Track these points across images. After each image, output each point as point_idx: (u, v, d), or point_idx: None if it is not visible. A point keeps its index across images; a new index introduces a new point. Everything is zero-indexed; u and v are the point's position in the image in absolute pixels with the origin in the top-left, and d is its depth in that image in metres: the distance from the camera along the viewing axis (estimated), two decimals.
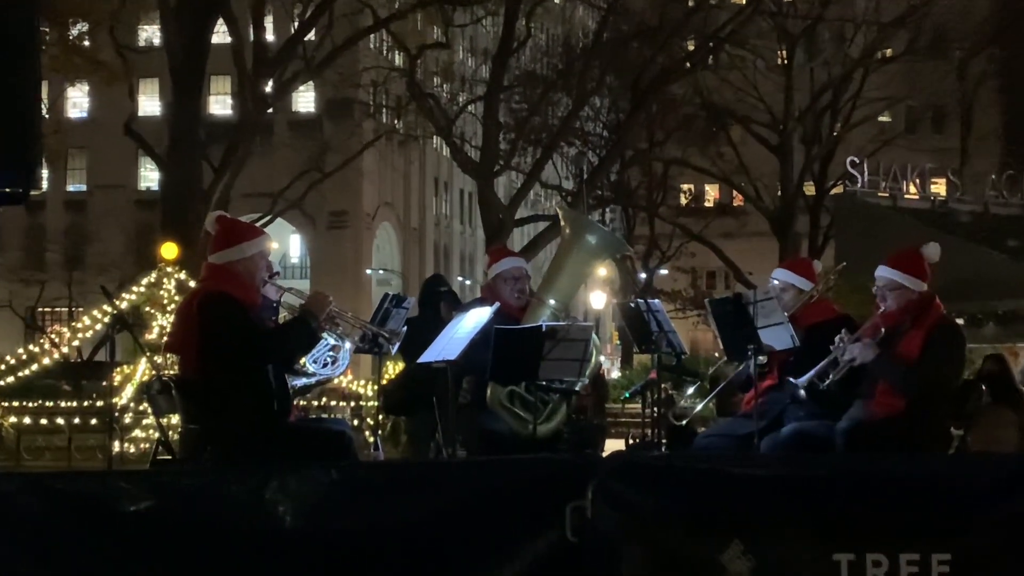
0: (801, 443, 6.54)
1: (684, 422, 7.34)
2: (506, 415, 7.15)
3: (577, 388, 7.28)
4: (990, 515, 5.38)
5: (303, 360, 6.70)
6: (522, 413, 7.14)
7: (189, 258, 17.89)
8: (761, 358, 6.77)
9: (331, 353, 6.61)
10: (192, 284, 14.89)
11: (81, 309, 30.09)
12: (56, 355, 17.67)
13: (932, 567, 5.31)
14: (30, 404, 16.19)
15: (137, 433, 14.89)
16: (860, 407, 6.60)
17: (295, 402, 6.73)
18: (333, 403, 16.49)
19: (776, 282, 7.21)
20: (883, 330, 6.68)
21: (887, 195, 29.31)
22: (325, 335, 6.55)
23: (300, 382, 6.78)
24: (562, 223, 8.03)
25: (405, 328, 7.95)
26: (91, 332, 17.10)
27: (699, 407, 7.65)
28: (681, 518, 5.41)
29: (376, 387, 9.94)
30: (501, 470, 5.70)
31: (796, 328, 6.77)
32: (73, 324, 17.91)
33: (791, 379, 6.65)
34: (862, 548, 5.32)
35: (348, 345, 6.63)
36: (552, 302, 7.40)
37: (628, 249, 10.44)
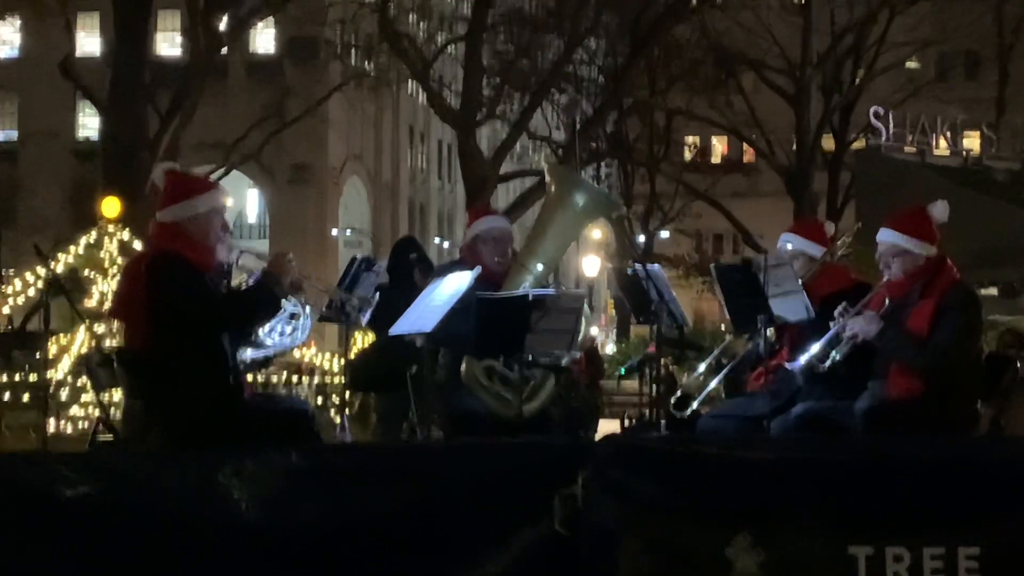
0: (815, 425, 6.57)
1: (688, 412, 7.36)
2: (483, 393, 7.18)
3: (564, 362, 7.30)
4: None
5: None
6: (502, 391, 7.16)
7: (133, 216, 17.79)
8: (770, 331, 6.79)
9: (289, 322, 6.59)
10: (136, 244, 14.88)
11: (12, 272, 29.95)
12: None
13: (959, 562, 5.34)
14: None
15: (75, 411, 14.87)
16: (876, 386, 6.62)
17: (249, 378, 6.73)
18: (295, 378, 16.50)
19: (789, 246, 7.22)
20: (887, 301, 6.69)
21: (914, 150, 29.29)
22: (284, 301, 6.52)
23: (252, 354, 6.75)
24: (547, 179, 8.04)
25: (377, 296, 7.96)
26: (23, 297, 17.04)
27: (711, 385, 7.67)
28: (683, 508, 5.44)
29: (343, 361, 9.94)
30: (482, 455, 5.72)
31: (810, 299, 6.78)
32: (2, 288, 17.84)
33: (785, 364, 6.66)
34: (882, 541, 5.35)
35: (308, 310, 6.62)
36: (537, 267, 7.41)
37: (621, 209, 10.48)
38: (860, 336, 6.55)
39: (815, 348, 6.60)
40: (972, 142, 31.16)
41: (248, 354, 6.69)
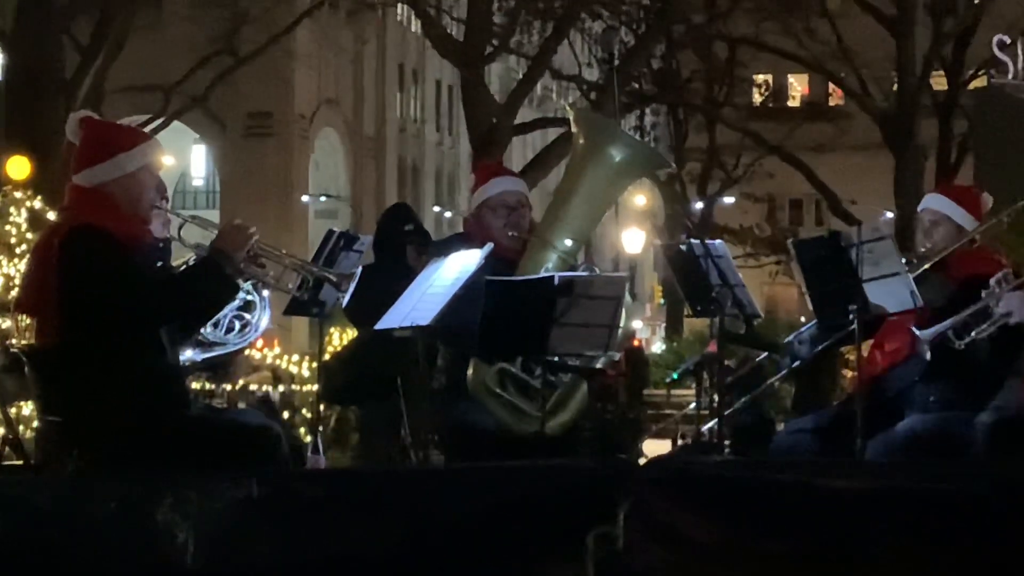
0: (926, 443, 6.59)
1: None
2: (495, 404, 7.21)
3: (599, 365, 7.31)
4: None
5: None
6: (518, 401, 7.18)
7: (46, 177, 17.90)
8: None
9: (240, 314, 6.59)
10: (51, 215, 14.92)
11: None
12: None
13: None
14: None
15: None
16: (1012, 389, 6.63)
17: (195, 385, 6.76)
18: (253, 387, 16.53)
19: (930, 208, 7.19)
20: None
21: None
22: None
23: (195, 356, 6.76)
24: (574, 130, 8.05)
25: (360, 271, 7.99)
26: None
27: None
28: (751, 551, 5.45)
29: (315, 365, 9.99)
30: (493, 482, 5.74)
31: (946, 280, 6.80)
32: None
33: (914, 328, 6.66)
34: None
35: (266, 296, 6.62)
36: (564, 243, 7.42)
37: (670, 166, 10.42)
38: (1015, 316, 6.57)
39: (955, 318, 6.59)
40: None
41: (191, 355, 6.70)
